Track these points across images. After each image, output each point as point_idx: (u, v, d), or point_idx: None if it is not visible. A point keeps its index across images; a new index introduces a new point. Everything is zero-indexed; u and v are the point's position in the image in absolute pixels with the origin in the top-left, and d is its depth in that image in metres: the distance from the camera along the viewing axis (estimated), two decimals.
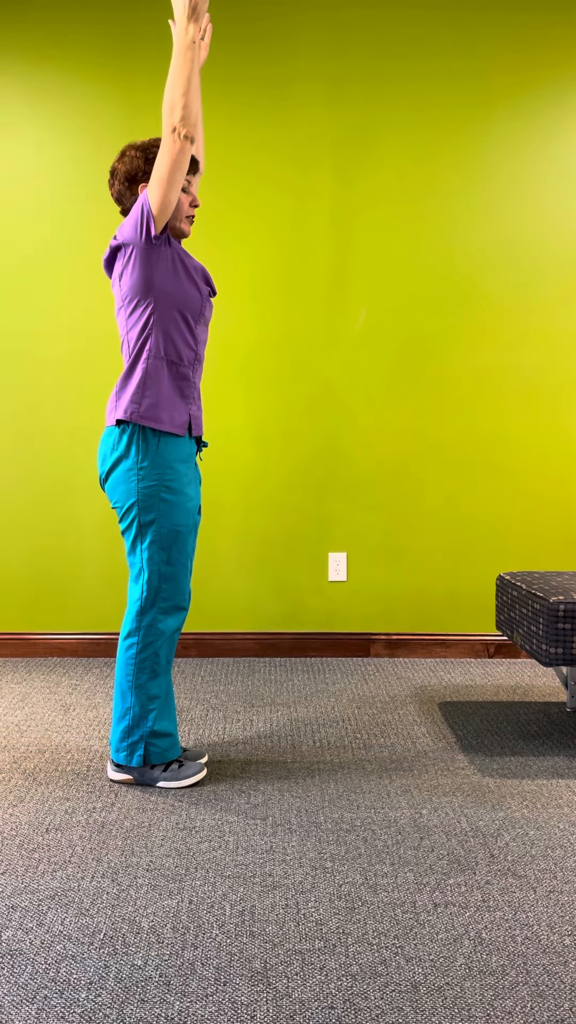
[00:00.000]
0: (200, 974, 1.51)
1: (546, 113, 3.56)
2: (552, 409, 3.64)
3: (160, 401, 2.21)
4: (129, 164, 2.24)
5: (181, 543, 2.26)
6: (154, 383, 2.22)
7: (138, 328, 2.22)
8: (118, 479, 2.24)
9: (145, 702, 2.27)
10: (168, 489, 2.22)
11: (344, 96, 3.56)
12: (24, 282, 3.58)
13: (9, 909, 1.71)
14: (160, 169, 2.11)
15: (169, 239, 2.21)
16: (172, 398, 2.24)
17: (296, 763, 2.49)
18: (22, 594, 3.66)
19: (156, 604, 2.26)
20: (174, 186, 2.12)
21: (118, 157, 2.27)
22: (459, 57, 3.55)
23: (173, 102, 2.08)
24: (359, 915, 1.69)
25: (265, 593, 3.69)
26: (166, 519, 2.23)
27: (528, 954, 1.57)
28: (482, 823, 2.10)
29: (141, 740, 2.28)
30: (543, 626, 2.46)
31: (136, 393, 2.21)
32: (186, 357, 2.26)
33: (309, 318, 3.62)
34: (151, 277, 2.19)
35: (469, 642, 3.69)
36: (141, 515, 2.23)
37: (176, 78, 2.09)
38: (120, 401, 2.23)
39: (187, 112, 2.08)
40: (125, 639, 2.29)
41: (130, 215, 2.19)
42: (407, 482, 3.66)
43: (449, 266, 3.60)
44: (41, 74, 3.52)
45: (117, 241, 2.22)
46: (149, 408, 2.20)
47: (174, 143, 2.08)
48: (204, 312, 2.30)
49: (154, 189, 2.13)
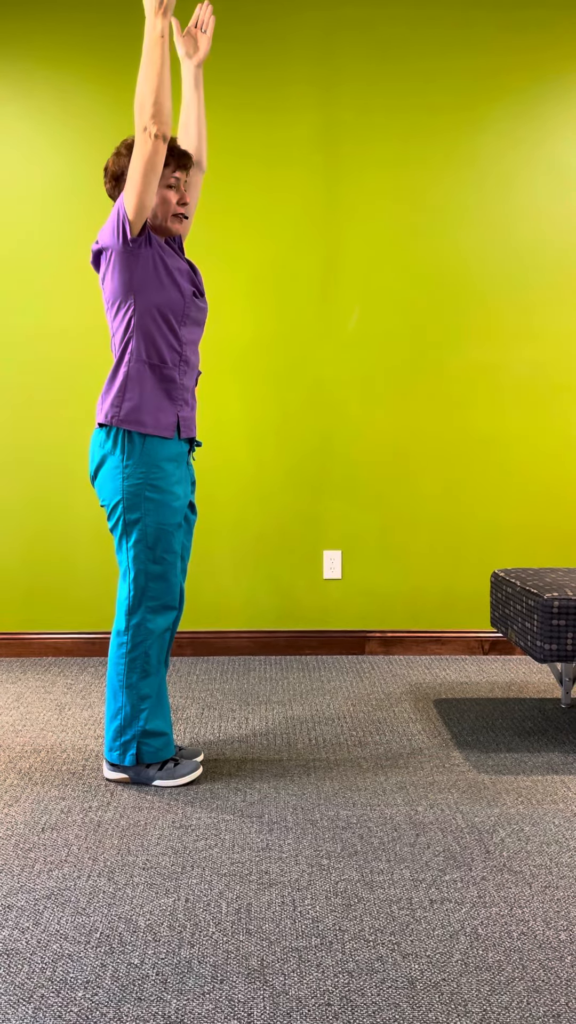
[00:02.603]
0: (197, 972, 1.51)
1: (539, 111, 3.57)
2: (547, 406, 3.65)
3: (142, 404, 2.20)
4: (117, 162, 2.23)
5: (167, 541, 2.25)
6: (136, 386, 2.20)
7: (121, 330, 2.22)
8: (105, 477, 2.24)
9: (136, 701, 2.27)
10: (154, 488, 2.21)
11: (336, 96, 3.55)
12: (18, 279, 3.57)
13: (5, 909, 1.71)
14: (133, 171, 2.08)
15: (150, 239, 2.19)
16: (157, 400, 2.22)
17: (292, 761, 2.49)
18: (17, 593, 3.66)
19: (144, 603, 2.26)
20: (148, 188, 2.09)
21: (112, 154, 2.26)
22: (452, 56, 3.55)
23: (143, 100, 2.04)
24: (355, 912, 1.70)
25: (260, 591, 3.69)
26: (152, 517, 2.22)
27: (524, 949, 1.57)
28: (478, 819, 2.10)
29: (133, 739, 2.28)
30: (537, 622, 2.46)
31: (117, 397, 2.20)
32: (170, 359, 2.24)
33: (303, 317, 3.62)
34: (130, 280, 2.17)
35: (464, 639, 3.69)
36: (126, 513, 2.22)
37: (146, 74, 2.04)
38: (103, 404, 2.23)
39: (158, 109, 2.04)
40: (115, 638, 2.29)
41: (108, 219, 2.18)
42: (402, 480, 3.66)
43: (443, 264, 3.60)
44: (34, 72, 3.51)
45: (98, 245, 2.20)
46: (130, 412, 2.19)
47: (146, 143, 2.05)
48: (188, 312, 2.26)
49: (129, 192, 2.10)
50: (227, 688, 3.21)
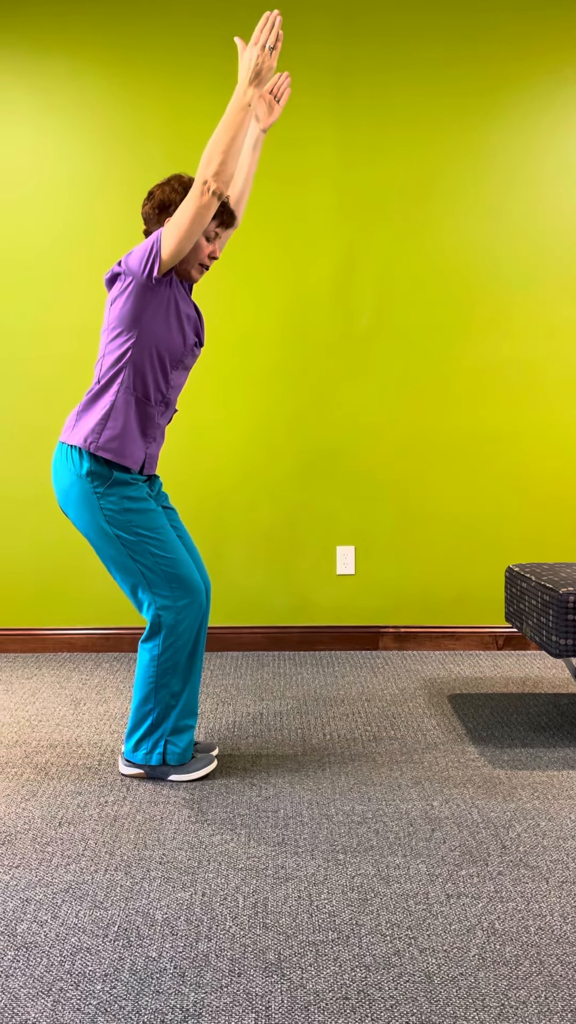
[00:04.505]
0: (214, 966, 1.51)
1: (551, 100, 3.55)
2: (559, 401, 3.63)
3: (121, 435, 2.19)
4: (167, 194, 2.22)
5: (167, 541, 2.24)
6: (120, 416, 2.19)
7: (114, 356, 2.20)
8: (79, 503, 2.21)
9: (169, 700, 2.27)
10: (131, 499, 2.21)
11: (348, 86, 3.54)
12: (29, 276, 3.58)
13: (24, 902, 1.72)
14: (181, 216, 2.08)
15: (172, 281, 2.19)
16: (133, 434, 2.21)
17: (306, 756, 2.49)
18: (31, 589, 3.67)
19: (172, 606, 2.25)
20: (191, 236, 2.10)
21: (162, 182, 2.25)
22: (463, 46, 3.53)
23: (212, 156, 2.05)
24: (372, 906, 1.70)
25: (273, 587, 3.69)
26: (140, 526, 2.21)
27: (541, 944, 1.57)
28: (493, 814, 2.10)
29: (161, 739, 2.28)
30: (553, 617, 2.45)
31: (99, 423, 2.19)
32: (153, 397, 2.24)
33: (314, 312, 3.61)
34: (141, 313, 2.17)
35: (478, 634, 3.69)
36: (117, 530, 2.20)
37: (221, 134, 2.05)
38: (80, 427, 2.21)
39: (223, 169, 2.04)
40: (145, 642, 2.28)
41: (141, 246, 2.16)
42: (415, 475, 3.65)
43: (455, 259, 3.59)
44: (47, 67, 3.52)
45: (120, 268, 2.19)
46: (109, 440, 2.18)
47: (201, 195, 2.05)
48: (183, 359, 2.27)
49: (170, 233, 2.10)
50: (241, 683, 3.22)
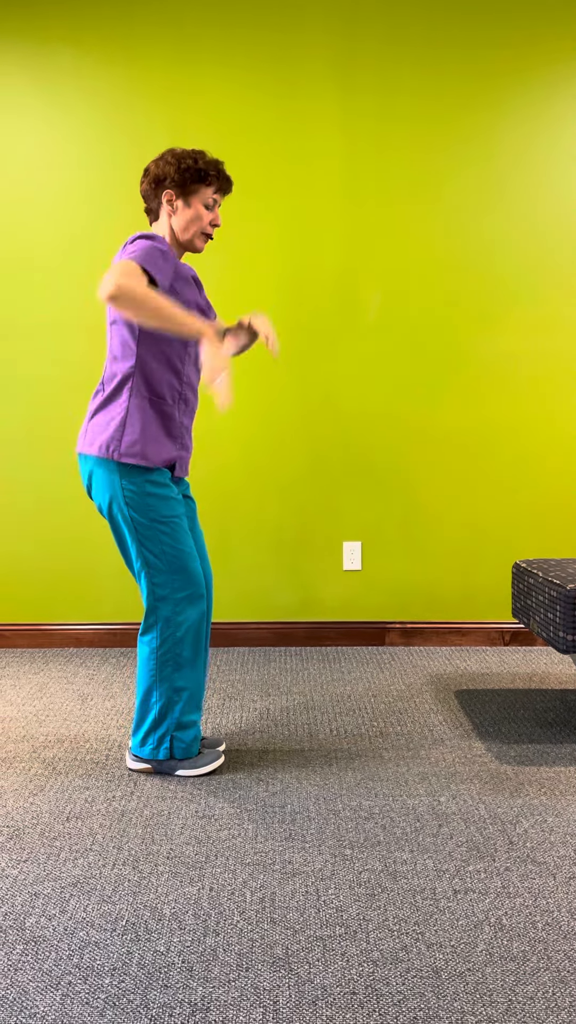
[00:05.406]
0: (222, 960, 1.52)
1: (561, 88, 3.53)
2: (567, 396, 3.62)
3: (143, 438, 2.18)
4: (161, 168, 2.21)
5: (178, 531, 2.24)
6: (136, 420, 2.18)
7: (122, 358, 2.19)
8: (101, 482, 2.21)
9: (172, 695, 2.27)
10: (153, 483, 2.20)
11: (354, 79, 3.53)
12: (35, 270, 3.58)
13: (32, 896, 1.72)
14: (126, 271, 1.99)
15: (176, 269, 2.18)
16: (157, 436, 2.20)
17: (313, 751, 2.49)
18: (38, 585, 3.68)
19: (170, 597, 2.26)
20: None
21: (156, 157, 2.25)
22: (473, 41, 3.51)
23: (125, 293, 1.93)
24: (379, 902, 1.70)
25: (280, 583, 3.69)
26: (157, 511, 2.21)
27: (549, 940, 1.57)
28: (500, 810, 2.10)
29: (167, 733, 2.28)
30: (560, 613, 2.45)
31: (117, 431, 2.17)
32: (169, 396, 2.23)
33: (322, 306, 3.61)
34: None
35: (485, 630, 3.68)
36: (132, 511, 2.19)
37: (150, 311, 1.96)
38: (97, 436, 2.19)
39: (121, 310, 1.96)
40: (143, 635, 2.29)
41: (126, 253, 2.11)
42: (422, 470, 3.65)
43: (464, 253, 3.58)
44: (52, 60, 3.52)
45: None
46: (130, 445, 2.17)
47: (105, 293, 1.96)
48: (191, 352, 2.26)
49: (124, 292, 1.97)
50: (248, 679, 3.22)
